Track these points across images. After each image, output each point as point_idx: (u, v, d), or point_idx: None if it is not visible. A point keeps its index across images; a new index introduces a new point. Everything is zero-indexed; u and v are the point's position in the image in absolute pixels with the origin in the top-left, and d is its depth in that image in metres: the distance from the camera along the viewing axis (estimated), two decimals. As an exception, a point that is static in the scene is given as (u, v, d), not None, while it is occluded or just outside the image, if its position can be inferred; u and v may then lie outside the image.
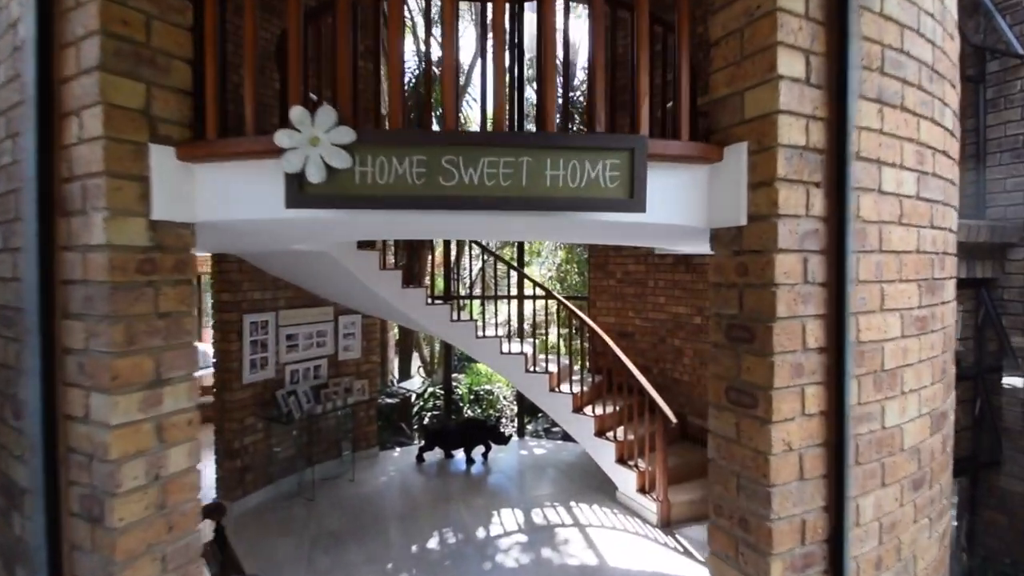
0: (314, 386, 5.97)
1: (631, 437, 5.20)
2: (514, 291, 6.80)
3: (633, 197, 1.53)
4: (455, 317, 5.60)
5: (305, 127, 1.48)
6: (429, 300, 5.54)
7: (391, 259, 5.48)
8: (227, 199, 1.78)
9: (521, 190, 1.51)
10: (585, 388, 5.58)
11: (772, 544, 1.63)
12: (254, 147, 1.63)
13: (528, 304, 7.42)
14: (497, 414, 8.99)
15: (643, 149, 1.53)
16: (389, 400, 7.90)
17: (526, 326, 7.19)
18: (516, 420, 7.67)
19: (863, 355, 1.72)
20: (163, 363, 1.79)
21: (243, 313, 5.35)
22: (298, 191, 1.53)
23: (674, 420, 4.74)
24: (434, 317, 5.48)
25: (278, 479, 5.73)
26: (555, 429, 8.02)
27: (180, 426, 1.85)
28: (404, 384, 8.52)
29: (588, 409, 5.42)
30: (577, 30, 9.35)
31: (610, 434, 5.30)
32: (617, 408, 5.44)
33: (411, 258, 5.96)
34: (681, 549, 4.53)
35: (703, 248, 3.62)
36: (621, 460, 5.19)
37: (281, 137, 1.50)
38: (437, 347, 10.29)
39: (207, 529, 3.81)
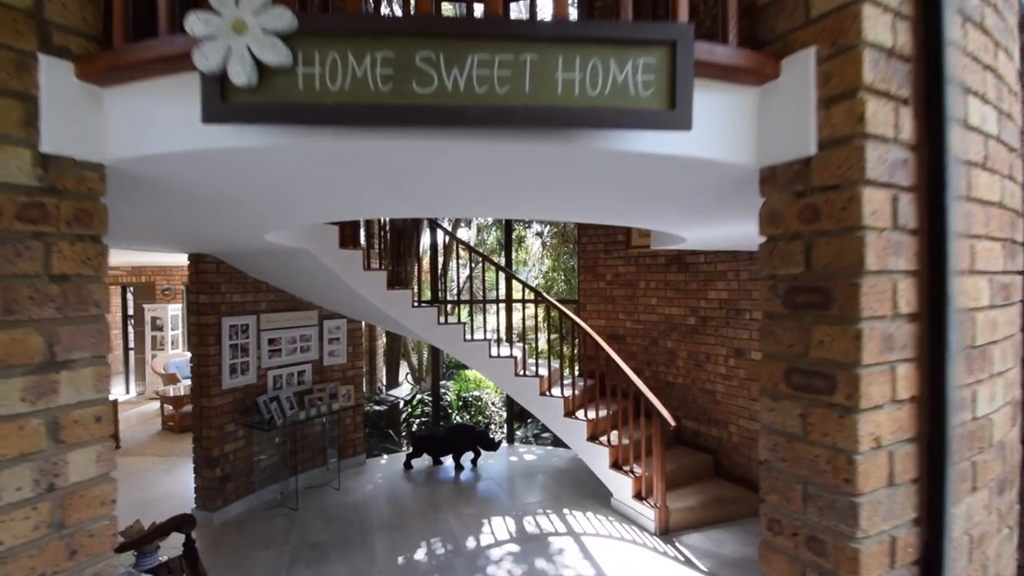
0: (298, 392, 5.39)
1: (625, 442, 4.70)
2: (503, 297, 6.33)
3: (675, 108, 1.06)
4: (442, 320, 5.09)
5: (227, 7, 1.00)
6: (416, 303, 5.03)
7: (375, 262, 4.97)
8: (141, 129, 1.28)
9: (524, 98, 1.04)
10: (576, 392, 5.09)
11: (858, 570, 1.15)
12: (169, 51, 1.14)
13: (517, 310, 6.93)
14: (486, 420, 8.43)
15: (688, 42, 1.06)
16: (377, 407, 7.31)
17: (516, 331, 6.72)
18: (505, 426, 7.11)
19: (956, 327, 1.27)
20: (58, 340, 1.27)
21: (222, 316, 4.78)
22: (219, 99, 1.03)
23: (672, 423, 4.25)
24: (421, 320, 4.97)
25: (260, 488, 5.11)
26: (545, 435, 7.48)
27: (85, 423, 1.32)
28: (393, 391, 7.94)
29: (580, 413, 4.92)
30: None
31: (603, 438, 4.79)
32: (610, 412, 4.94)
33: (396, 261, 5.46)
34: (682, 558, 4.01)
35: (713, 234, 3.11)
36: (615, 465, 4.68)
37: (194, 22, 1.01)
38: (426, 355, 9.72)
39: (175, 543, 3.24)
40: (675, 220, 2.63)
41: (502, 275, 6.42)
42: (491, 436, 5.99)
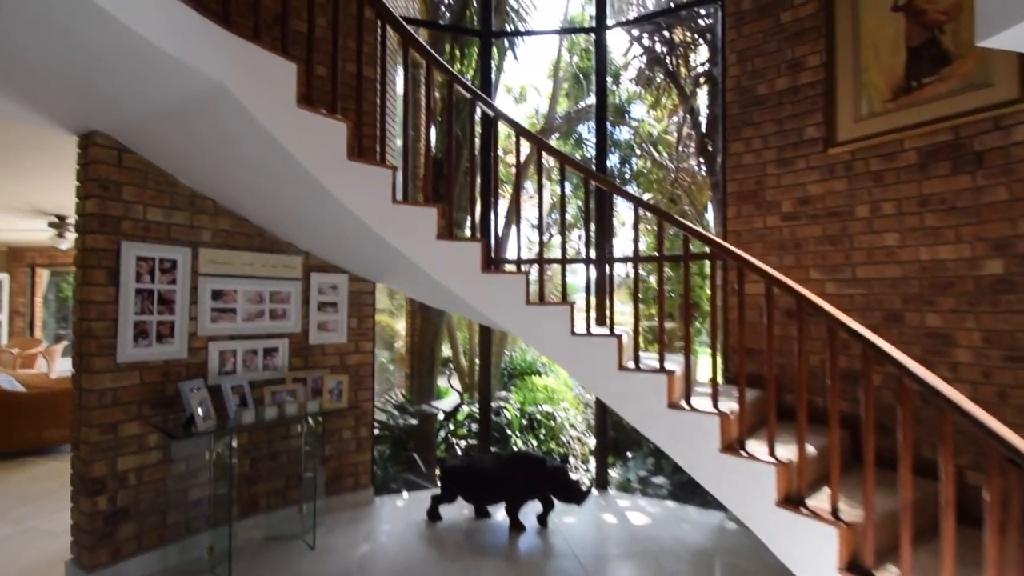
0: (261, 380, 3.44)
1: (861, 513, 2.15)
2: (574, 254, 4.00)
3: None
4: (489, 268, 2.91)
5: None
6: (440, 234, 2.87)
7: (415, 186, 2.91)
8: None
9: None
10: (731, 408, 2.60)
11: None
12: None
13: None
14: (562, 450, 6.04)
15: None
16: (403, 418, 5.23)
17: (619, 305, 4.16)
18: (594, 461, 4.68)
19: None
20: None
21: (123, 239, 2.95)
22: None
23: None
24: (448, 262, 2.81)
25: (180, 538, 3.17)
26: (658, 478, 4.96)
27: None
28: (434, 403, 5.82)
29: (756, 448, 2.45)
30: None
31: (816, 503, 2.27)
32: (809, 447, 2.41)
33: (438, 180, 3.34)
34: None
35: None
36: (855, 568, 2.13)
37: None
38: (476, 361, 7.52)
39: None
40: None
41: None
42: (570, 477, 3.64)
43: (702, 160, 6.83)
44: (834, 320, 2.15)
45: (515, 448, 5.73)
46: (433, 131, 6.12)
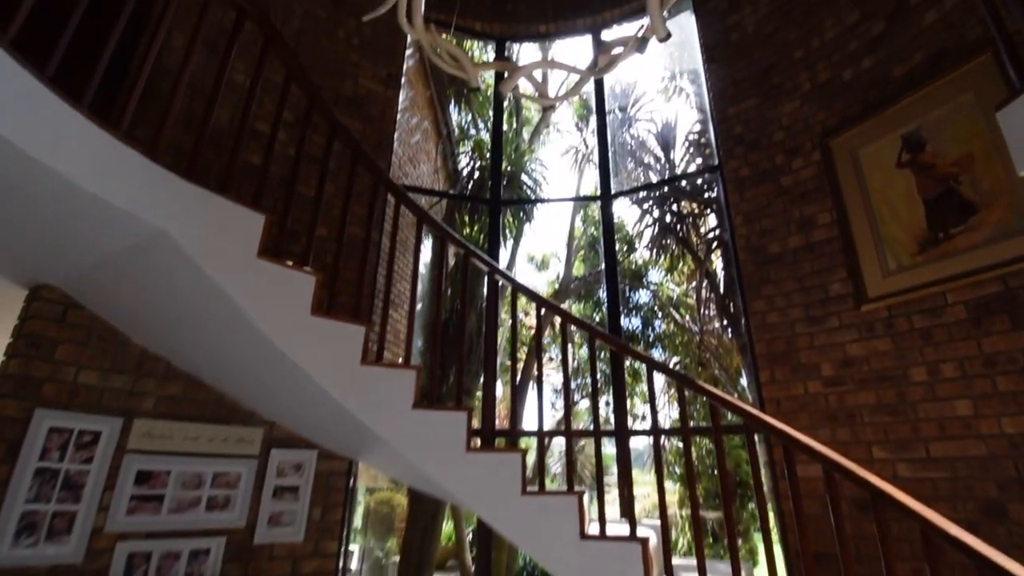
0: (170, 597, 2.66)
1: None
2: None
3: None
4: (473, 444, 2.41)
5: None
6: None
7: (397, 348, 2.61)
8: None
9: None
10: None
11: None
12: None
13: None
14: None
15: None
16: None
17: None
18: None
19: None
20: None
21: (39, 406, 2.50)
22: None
23: None
24: (422, 433, 2.32)
25: None
26: None
27: None
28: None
29: None
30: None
31: None
32: None
33: (444, 351, 2.95)
34: None
35: None
36: None
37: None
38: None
39: None
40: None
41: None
42: None
43: (726, 322, 6.61)
44: (928, 525, 1.58)
45: None
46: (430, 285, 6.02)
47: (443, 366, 6.10)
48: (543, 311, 2.81)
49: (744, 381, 6.66)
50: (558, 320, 2.94)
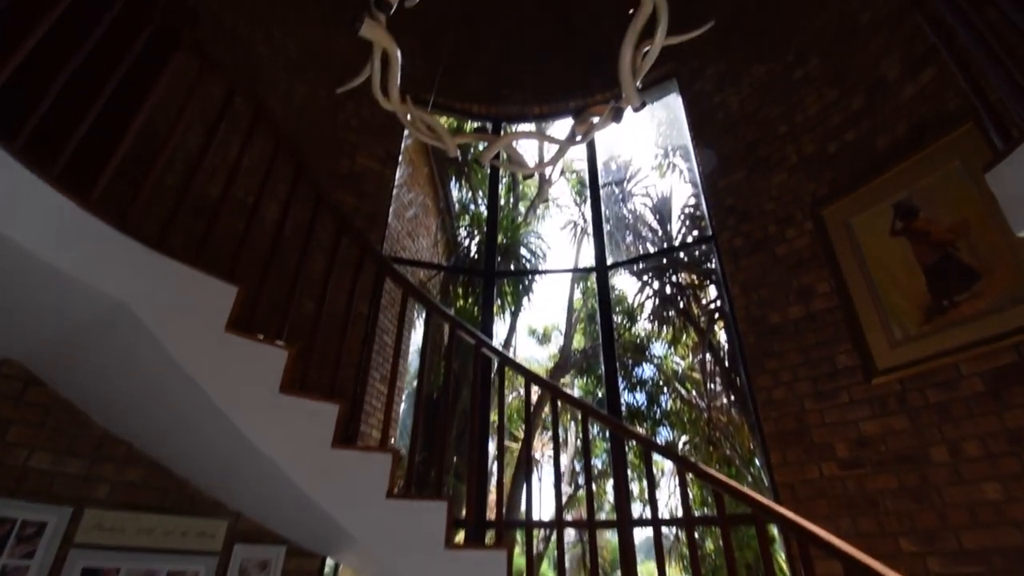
0: None
1: None
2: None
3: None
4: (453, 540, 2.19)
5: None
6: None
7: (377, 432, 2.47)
8: None
9: None
10: None
11: None
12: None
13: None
14: None
15: None
16: None
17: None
18: None
19: None
20: None
21: (-21, 493, 2.30)
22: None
23: None
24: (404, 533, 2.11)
25: None
26: None
27: None
28: None
29: None
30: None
31: None
32: None
33: (428, 428, 2.77)
34: None
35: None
36: None
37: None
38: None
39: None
40: None
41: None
42: None
43: (732, 397, 6.35)
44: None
45: None
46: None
47: (429, 448, 5.81)
48: (532, 387, 2.65)
49: (759, 462, 6.30)
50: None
